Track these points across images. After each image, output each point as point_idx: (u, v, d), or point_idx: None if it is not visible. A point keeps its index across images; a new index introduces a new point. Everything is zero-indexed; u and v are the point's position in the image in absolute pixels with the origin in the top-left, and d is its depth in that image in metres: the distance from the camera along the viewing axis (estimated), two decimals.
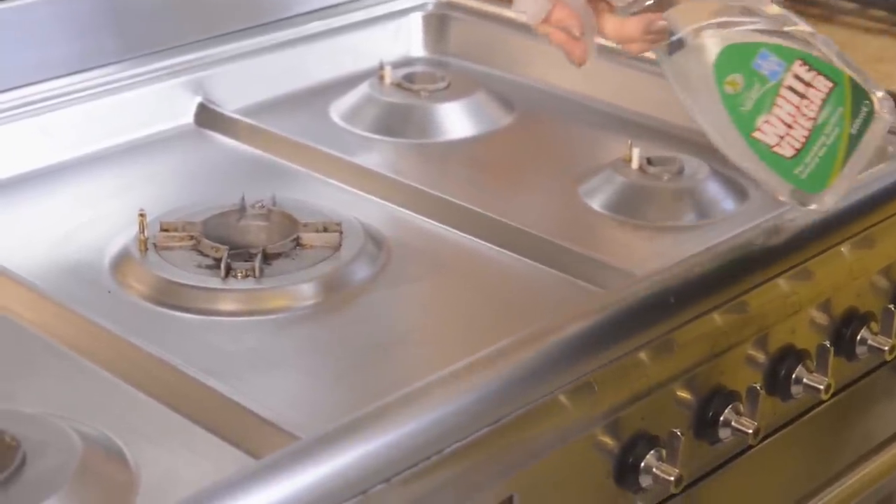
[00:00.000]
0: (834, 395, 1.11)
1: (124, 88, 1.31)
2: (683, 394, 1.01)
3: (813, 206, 1.03)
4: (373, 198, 1.22)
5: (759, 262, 1.06)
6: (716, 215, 1.19)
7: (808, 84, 0.98)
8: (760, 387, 1.05)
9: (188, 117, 1.34)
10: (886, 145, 1.19)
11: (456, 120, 1.36)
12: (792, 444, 1.14)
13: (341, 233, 1.11)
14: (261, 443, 0.87)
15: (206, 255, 1.09)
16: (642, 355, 0.98)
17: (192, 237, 1.10)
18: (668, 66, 0.99)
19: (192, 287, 1.05)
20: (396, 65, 1.43)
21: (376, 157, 1.30)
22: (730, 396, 1.03)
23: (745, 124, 0.98)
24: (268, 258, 1.08)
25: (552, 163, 1.31)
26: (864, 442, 1.24)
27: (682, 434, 0.98)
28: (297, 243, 1.10)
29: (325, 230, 1.11)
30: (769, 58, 0.97)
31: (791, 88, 0.98)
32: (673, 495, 1.00)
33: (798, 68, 0.97)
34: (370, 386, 0.96)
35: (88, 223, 1.15)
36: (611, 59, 1.42)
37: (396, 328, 1.04)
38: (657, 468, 0.97)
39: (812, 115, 0.98)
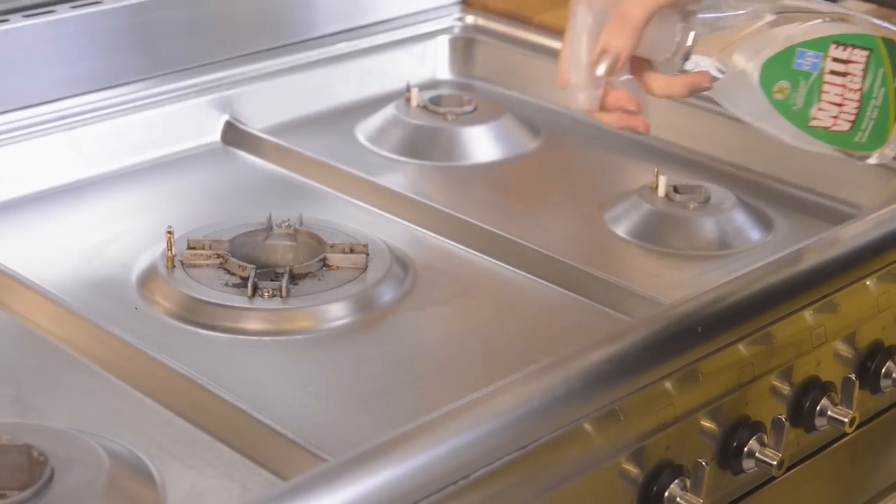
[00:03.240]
0: (858, 427, 1.10)
1: (152, 105, 1.32)
2: (708, 424, 1.01)
3: (873, 161, 1.05)
4: (398, 220, 1.22)
5: (786, 293, 1.06)
6: (741, 245, 1.19)
7: (846, 61, 1.00)
8: (785, 418, 1.04)
9: (215, 135, 1.35)
10: None
11: (482, 144, 1.36)
12: (815, 476, 1.14)
13: (368, 254, 1.12)
14: (287, 464, 0.87)
15: (233, 274, 1.09)
16: (668, 384, 0.98)
17: (219, 255, 1.10)
18: (717, 95, 1.00)
19: (219, 305, 1.05)
20: (422, 87, 1.44)
21: (402, 179, 1.31)
22: (754, 427, 1.03)
23: (801, 119, 1.01)
24: (294, 278, 1.09)
25: (578, 188, 1.31)
26: (888, 475, 1.23)
27: (706, 464, 0.98)
28: (324, 264, 1.11)
29: (352, 251, 1.11)
30: (806, 54, 0.99)
31: (833, 72, 1.00)
32: None
33: (834, 51, 0.99)
34: (397, 408, 0.96)
35: (116, 239, 1.16)
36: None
37: (422, 351, 1.04)
38: (681, 498, 0.97)
39: (857, 86, 1.00)
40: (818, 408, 1.08)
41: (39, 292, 1.04)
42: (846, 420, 1.08)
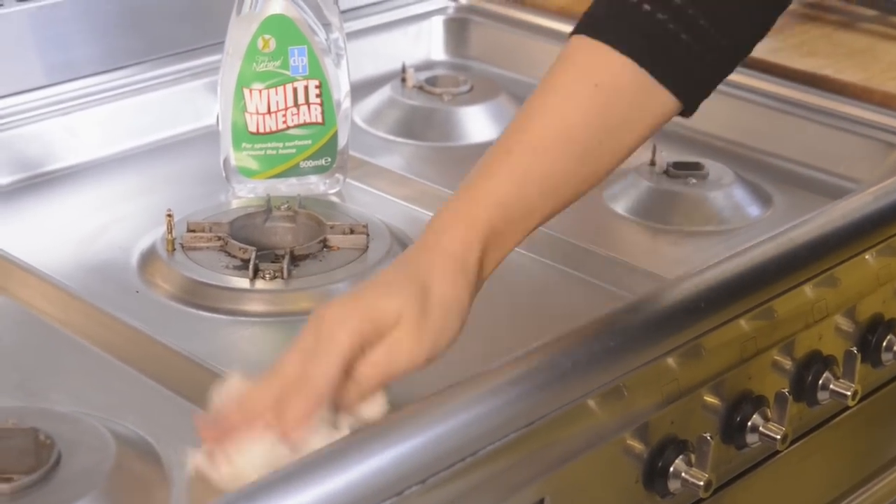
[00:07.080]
0: (860, 401, 1.10)
1: (149, 89, 1.32)
2: (711, 399, 1.01)
3: (232, 183, 1.19)
4: (396, 200, 1.22)
5: (786, 268, 1.06)
6: (740, 221, 1.20)
7: (309, 102, 1.17)
8: (788, 392, 1.04)
9: (212, 118, 1.34)
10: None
11: (478, 123, 1.36)
12: (818, 449, 1.14)
13: (368, 235, 1.11)
14: None
15: (234, 256, 1.09)
16: (671, 360, 0.98)
17: (219, 238, 1.10)
18: None
19: (221, 288, 1.05)
20: (417, 68, 1.43)
21: (399, 159, 1.30)
22: (758, 402, 1.03)
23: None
24: (295, 259, 1.09)
25: None
26: (890, 448, 1.24)
27: (710, 438, 0.98)
28: (325, 245, 1.10)
29: (352, 232, 1.11)
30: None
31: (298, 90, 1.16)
32: (701, 500, 1.00)
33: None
34: (399, 387, 0.96)
35: (115, 223, 1.16)
36: None
37: None
38: (686, 472, 0.97)
39: (290, 122, 1.16)
40: (820, 381, 1.09)
41: (41, 277, 1.04)
42: (849, 393, 1.08)
